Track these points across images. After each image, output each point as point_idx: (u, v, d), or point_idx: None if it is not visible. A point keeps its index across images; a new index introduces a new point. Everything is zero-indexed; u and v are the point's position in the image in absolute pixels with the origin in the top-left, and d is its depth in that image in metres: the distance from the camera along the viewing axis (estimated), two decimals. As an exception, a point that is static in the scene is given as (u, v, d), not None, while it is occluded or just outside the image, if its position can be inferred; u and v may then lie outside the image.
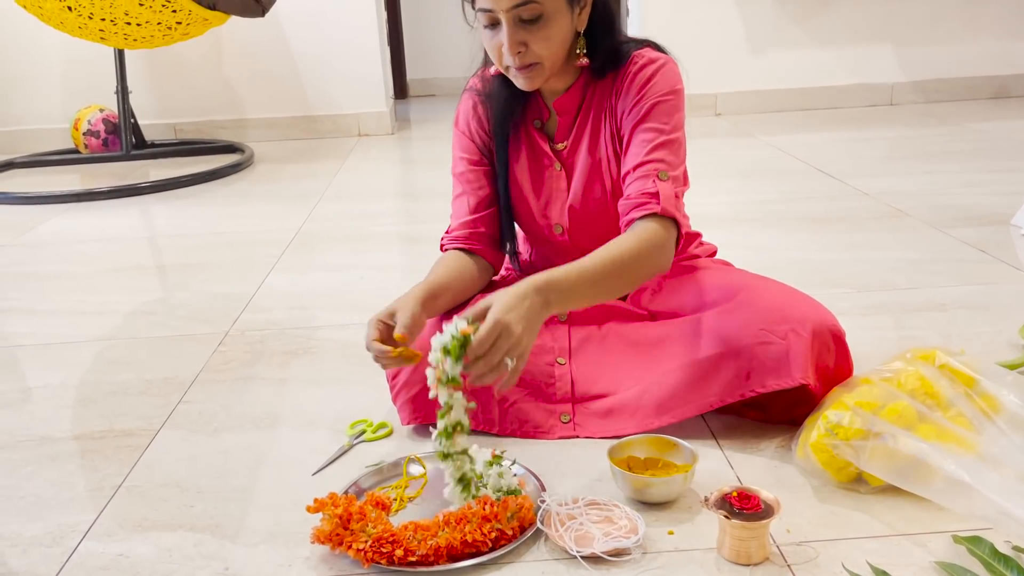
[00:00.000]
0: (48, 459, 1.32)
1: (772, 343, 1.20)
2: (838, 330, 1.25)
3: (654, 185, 1.22)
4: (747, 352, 1.21)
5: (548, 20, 1.20)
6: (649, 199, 1.21)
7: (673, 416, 1.26)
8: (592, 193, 1.34)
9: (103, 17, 2.98)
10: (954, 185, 2.70)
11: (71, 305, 2.04)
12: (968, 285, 1.85)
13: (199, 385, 1.55)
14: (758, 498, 0.99)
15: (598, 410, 1.30)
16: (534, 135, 1.37)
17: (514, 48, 1.21)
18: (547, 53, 1.22)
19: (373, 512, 1.04)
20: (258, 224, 2.69)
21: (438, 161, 3.64)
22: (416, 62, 5.49)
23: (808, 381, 1.18)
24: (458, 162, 1.42)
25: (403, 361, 1.16)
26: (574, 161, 1.35)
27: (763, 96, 4.16)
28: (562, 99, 1.34)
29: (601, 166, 1.33)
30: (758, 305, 1.25)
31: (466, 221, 1.39)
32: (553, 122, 1.37)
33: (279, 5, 3.52)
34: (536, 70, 1.24)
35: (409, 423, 1.32)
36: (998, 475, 1.01)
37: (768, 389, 1.20)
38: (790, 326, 1.21)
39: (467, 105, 1.41)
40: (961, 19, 4.16)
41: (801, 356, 1.19)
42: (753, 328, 1.21)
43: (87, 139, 3.77)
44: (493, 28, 1.22)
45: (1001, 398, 1.14)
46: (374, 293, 1.97)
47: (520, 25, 1.20)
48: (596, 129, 1.34)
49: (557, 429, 1.29)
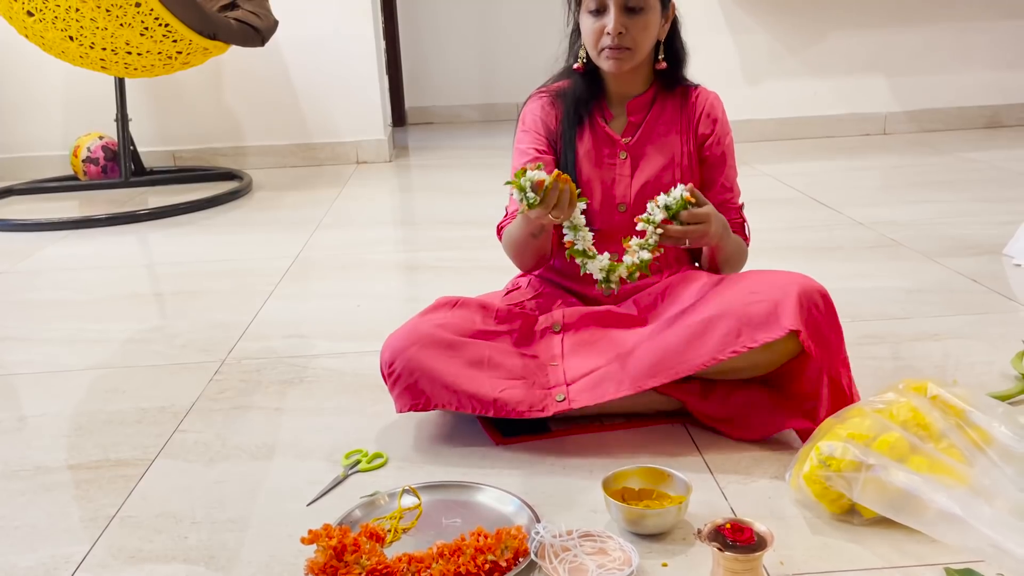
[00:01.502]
0: (43, 489, 1.32)
1: (760, 301, 1.28)
2: (824, 291, 1.31)
3: (740, 217, 1.55)
4: (736, 311, 1.29)
5: (648, 13, 1.41)
6: (739, 229, 1.54)
7: (666, 376, 1.30)
8: (663, 180, 1.50)
9: (104, 47, 3.01)
10: (947, 215, 2.72)
11: (68, 333, 2.04)
12: (961, 315, 1.86)
13: (195, 414, 1.55)
14: (751, 530, 0.99)
15: (591, 381, 1.35)
16: (601, 127, 1.53)
17: (617, 27, 1.40)
18: (641, 40, 1.42)
19: (367, 544, 1.04)
20: (256, 251, 2.70)
21: (436, 189, 3.66)
22: (414, 90, 5.53)
23: (796, 327, 1.23)
24: (524, 154, 1.53)
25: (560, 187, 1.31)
26: (642, 152, 1.52)
27: (758, 125, 4.20)
28: (635, 101, 1.52)
29: (675, 159, 1.52)
30: (746, 279, 1.37)
31: None
32: (618, 122, 1.54)
33: (279, 34, 3.55)
34: (627, 55, 1.42)
35: (403, 411, 1.36)
36: (990, 508, 1.02)
37: (759, 343, 1.26)
38: (778, 286, 1.29)
39: (536, 104, 1.56)
40: (953, 49, 4.21)
41: (789, 309, 1.25)
42: (742, 292, 1.31)
43: (86, 166, 3.79)
44: (598, 14, 1.42)
45: (992, 430, 1.14)
46: (371, 321, 1.98)
47: (625, 12, 1.40)
48: (666, 134, 1.52)
49: (551, 407, 1.33)
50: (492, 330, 1.43)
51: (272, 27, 3.41)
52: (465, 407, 1.33)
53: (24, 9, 2.89)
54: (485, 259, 1.57)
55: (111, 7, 2.84)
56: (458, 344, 1.37)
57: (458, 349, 1.36)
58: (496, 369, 1.36)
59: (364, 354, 1.77)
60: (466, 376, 1.34)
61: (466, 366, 1.35)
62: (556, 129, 1.53)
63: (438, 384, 1.33)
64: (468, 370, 1.35)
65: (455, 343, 1.37)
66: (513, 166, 1.52)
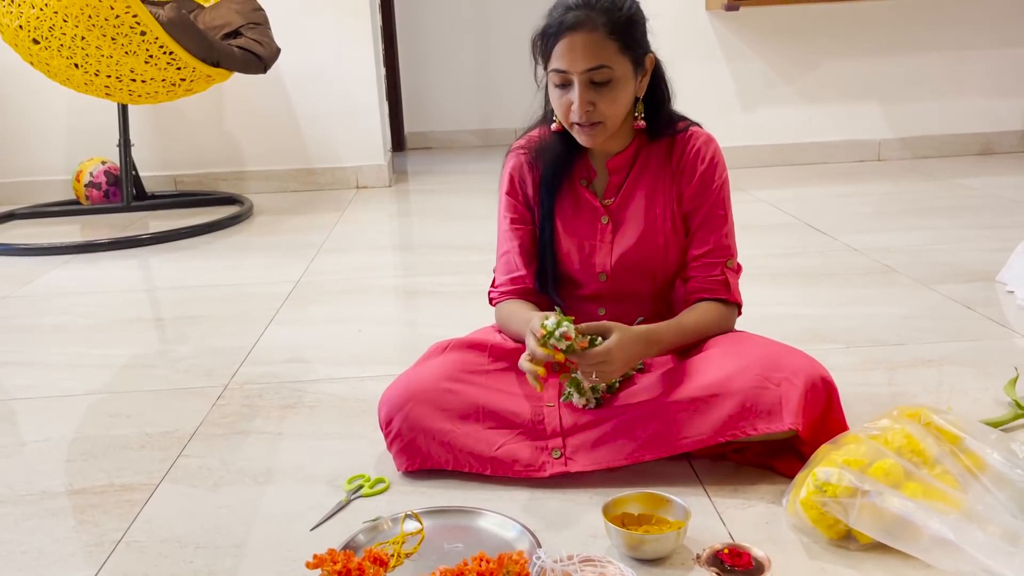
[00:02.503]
0: (48, 514, 1.33)
1: (767, 388, 1.26)
2: (830, 382, 1.30)
3: (722, 274, 1.44)
4: (742, 394, 1.26)
5: (616, 84, 1.33)
6: (719, 287, 1.44)
7: (664, 451, 1.30)
8: (645, 246, 1.46)
9: (109, 74, 3.05)
10: (941, 241, 2.75)
11: (70, 357, 2.06)
12: (955, 342, 1.88)
13: (199, 439, 1.56)
14: (749, 555, 1.01)
15: (588, 440, 1.34)
16: (581, 191, 1.49)
17: (584, 107, 1.33)
18: (611, 113, 1.35)
19: (371, 568, 1.06)
20: (257, 276, 2.73)
21: (435, 213, 3.69)
22: (413, 116, 5.58)
23: (797, 427, 1.22)
24: (504, 221, 1.53)
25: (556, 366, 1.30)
26: (623, 216, 1.47)
27: (753, 151, 4.25)
28: (615, 159, 1.46)
29: (656, 223, 1.46)
30: (756, 352, 1.32)
31: (515, 277, 1.51)
32: (600, 180, 1.48)
33: (280, 61, 3.60)
34: (599, 128, 1.36)
35: (403, 470, 1.37)
36: (983, 533, 1.03)
37: (759, 432, 1.25)
38: (784, 374, 1.26)
39: (514, 164, 1.52)
40: (946, 77, 4.27)
41: (793, 403, 1.24)
42: (750, 373, 1.28)
43: (88, 191, 3.82)
44: (564, 88, 1.35)
45: (986, 456, 1.16)
46: (372, 346, 2.00)
47: (591, 87, 1.32)
48: (651, 190, 1.46)
49: (548, 466, 1.32)
50: (487, 369, 1.43)
51: (274, 54, 3.46)
52: (463, 465, 1.34)
53: (30, 37, 2.93)
54: (484, 284, 1.59)
55: (116, 36, 2.89)
56: (453, 393, 1.37)
57: (453, 398, 1.36)
58: (491, 419, 1.36)
59: (365, 379, 1.79)
60: (462, 433, 1.35)
61: (461, 420, 1.35)
62: (533, 195, 1.50)
63: (435, 443, 1.35)
64: (464, 425, 1.35)
65: (450, 392, 1.37)
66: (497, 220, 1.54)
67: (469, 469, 1.34)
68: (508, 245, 1.52)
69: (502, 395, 1.40)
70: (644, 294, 1.50)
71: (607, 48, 1.30)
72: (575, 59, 1.31)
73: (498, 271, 1.55)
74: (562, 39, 1.31)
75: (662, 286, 1.51)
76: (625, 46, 1.32)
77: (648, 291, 1.50)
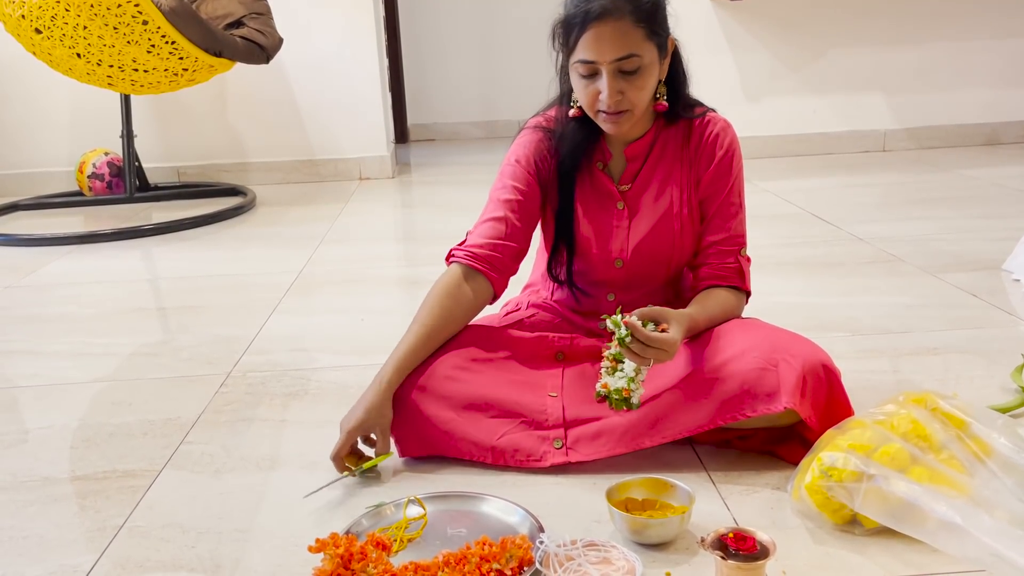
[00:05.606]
0: (50, 500, 1.33)
1: (767, 370, 1.25)
2: (831, 366, 1.29)
3: (736, 262, 1.44)
4: (741, 377, 1.26)
5: (644, 71, 1.31)
6: (733, 275, 1.44)
7: (665, 436, 1.29)
8: (661, 233, 1.44)
9: (112, 64, 3.04)
10: (946, 231, 2.74)
11: (74, 347, 2.06)
12: (961, 329, 1.87)
13: (201, 426, 1.56)
14: (754, 539, 1.00)
15: (589, 431, 1.33)
16: (598, 175, 1.47)
17: (613, 96, 1.30)
18: (639, 100, 1.33)
19: (374, 552, 1.05)
20: (260, 267, 2.72)
21: (438, 205, 3.69)
22: (416, 107, 5.57)
23: (792, 406, 1.22)
24: (506, 189, 1.46)
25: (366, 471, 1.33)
26: (639, 202, 1.46)
27: (759, 142, 4.23)
28: (634, 146, 1.45)
29: (672, 210, 1.44)
30: (756, 337, 1.32)
31: (492, 244, 1.44)
32: (617, 165, 1.47)
33: (283, 52, 3.59)
34: (626, 116, 1.34)
35: (405, 456, 1.37)
36: (990, 518, 1.03)
37: (758, 414, 1.24)
38: (783, 356, 1.26)
39: (532, 139, 1.48)
40: (952, 67, 4.25)
41: (790, 384, 1.23)
42: (749, 356, 1.27)
43: (91, 182, 3.82)
44: (591, 78, 1.32)
45: (992, 441, 1.15)
46: (374, 336, 1.99)
47: (619, 76, 1.30)
48: (667, 176, 1.45)
49: (549, 456, 1.32)
50: (490, 358, 1.42)
51: (277, 45, 3.45)
52: (464, 453, 1.34)
53: (32, 27, 2.92)
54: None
55: (119, 25, 2.88)
56: (456, 381, 1.37)
57: (456, 386, 1.36)
58: (493, 408, 1.35)
59: (367, 367, 1.78)
60: (463, 420, 1.34)
61: (464, 408, 1.35)
62: (549, 175, 1.47)
63: (438, 430, 1.35)
64: (465, 413, 1.35)
65: (453, 380, 1.37)
66: (492, 189, 1.48)
67: (470, 457, 1.34)
68: (500, 212, 1.45)
69: (505, 384, 1.39)
70: (658, 281, 1.49)
71: (634, 36, 1.28)
72: (603, 50, 1.28)
73: (475, 232, 1.47)
74: (588, 29, 1.28)
75: (675, 273, 1.50)
76: (651, 31, 1.30)
77: (662, 277, 1.49)
